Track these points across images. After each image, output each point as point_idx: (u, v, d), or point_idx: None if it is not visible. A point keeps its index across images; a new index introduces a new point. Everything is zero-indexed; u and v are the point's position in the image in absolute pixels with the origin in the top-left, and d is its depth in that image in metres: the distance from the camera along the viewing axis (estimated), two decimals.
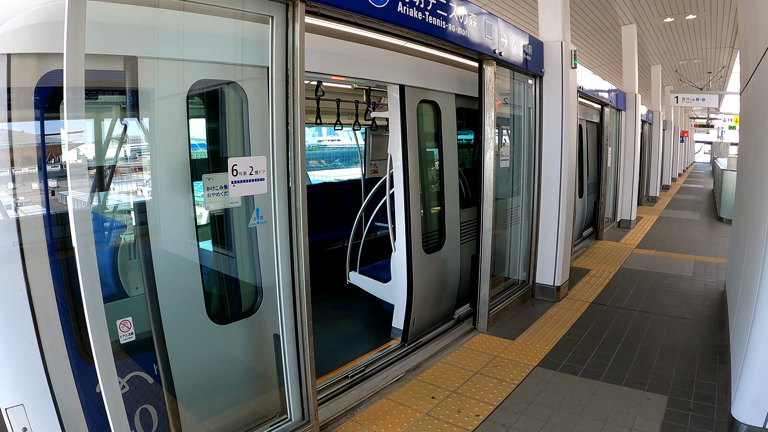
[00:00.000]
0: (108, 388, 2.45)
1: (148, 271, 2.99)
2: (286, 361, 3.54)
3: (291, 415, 3.63)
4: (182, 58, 3.02)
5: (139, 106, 2.89)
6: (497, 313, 6.03)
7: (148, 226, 3.00)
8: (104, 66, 2.76)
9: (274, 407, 3.68)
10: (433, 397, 4.30)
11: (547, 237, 6.90)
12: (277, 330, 3.52)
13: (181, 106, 3.02)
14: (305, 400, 3.62)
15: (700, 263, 8.97)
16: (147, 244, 3.00)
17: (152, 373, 3.06)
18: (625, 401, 4.22)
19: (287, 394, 3.60)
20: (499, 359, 5.03)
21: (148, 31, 2.85)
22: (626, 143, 12.69)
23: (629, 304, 6.70)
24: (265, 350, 3.59)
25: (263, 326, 3.55)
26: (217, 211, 3.42)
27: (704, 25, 13.25)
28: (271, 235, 3.42)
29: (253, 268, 3.55)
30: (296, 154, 3.30)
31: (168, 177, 3.03)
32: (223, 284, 3.58)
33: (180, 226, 3.13)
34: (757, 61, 4.43)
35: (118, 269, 3.16)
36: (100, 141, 3.13)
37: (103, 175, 3.13)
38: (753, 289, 3.62)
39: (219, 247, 3.54)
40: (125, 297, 3.17)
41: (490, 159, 5.55)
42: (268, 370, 3.63)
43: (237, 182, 3.10)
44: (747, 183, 5.21)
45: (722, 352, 5.11)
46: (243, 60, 3.27)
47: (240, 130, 3.36)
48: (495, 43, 5.41)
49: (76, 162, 2.37)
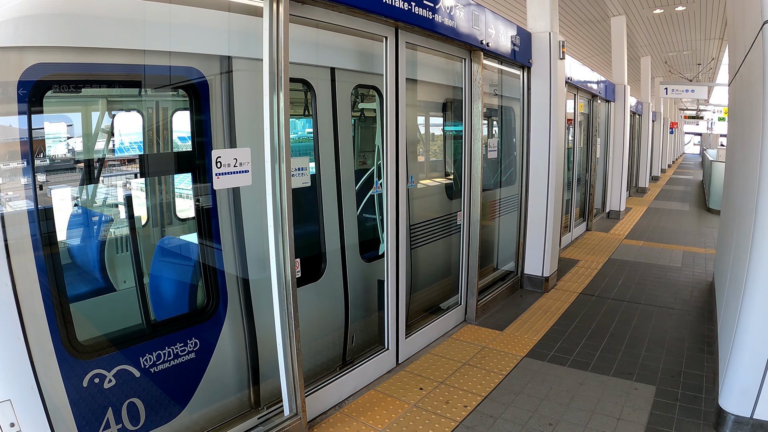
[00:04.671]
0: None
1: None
2: (280, 353, 3.52)
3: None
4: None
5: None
6: (486, 303, 6.02)
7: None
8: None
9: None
10: (421, 389, 4.28)
11: (536, 228, 6.88)
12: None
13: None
14: (293, 393, 3.60)
15: (689, 254, 9.01)
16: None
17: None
18: (613, 391, 4.22)
19: (283, 387, 3.59)
20: (487, 350, 5.02)
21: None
22: (615, 134, 12.70)
23: (618, 295, 6.72)
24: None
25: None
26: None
27: (694, 16, 13.28)
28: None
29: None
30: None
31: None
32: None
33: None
34: (745, 51, 4.42)
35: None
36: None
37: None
38: (740, 279, 3.63)
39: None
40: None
41: (477, 150, 5.52)
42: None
43: (221, 174, 3.06)
44: (735, 173, 5.22)
45: (710, 342, 5.13)
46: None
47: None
48: (482, 33, 5.37)
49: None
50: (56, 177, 4.07)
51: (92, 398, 2.81)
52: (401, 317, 4.68)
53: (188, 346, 3.34)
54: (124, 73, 3.06)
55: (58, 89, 2.87)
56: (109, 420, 2.90)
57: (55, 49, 2.65)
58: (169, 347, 3.22)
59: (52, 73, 2.67)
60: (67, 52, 2.69)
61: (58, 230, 2.94)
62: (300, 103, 5.04)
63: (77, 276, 4.27)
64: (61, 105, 3.98)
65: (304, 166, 3.91)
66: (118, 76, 3.11)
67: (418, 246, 5.40)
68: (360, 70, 4.59)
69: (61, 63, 2.70)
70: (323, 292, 4.35)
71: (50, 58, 2.64)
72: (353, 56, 4.50)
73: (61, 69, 2.72)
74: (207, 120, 3.39)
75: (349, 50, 4.44)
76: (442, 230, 5.75)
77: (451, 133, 6.38)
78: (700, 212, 14.08)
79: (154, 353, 3.15)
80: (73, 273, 4.28)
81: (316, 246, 4.34)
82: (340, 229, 4.45)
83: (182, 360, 3.30)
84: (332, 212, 4.40)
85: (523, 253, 6.98)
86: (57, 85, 2.83)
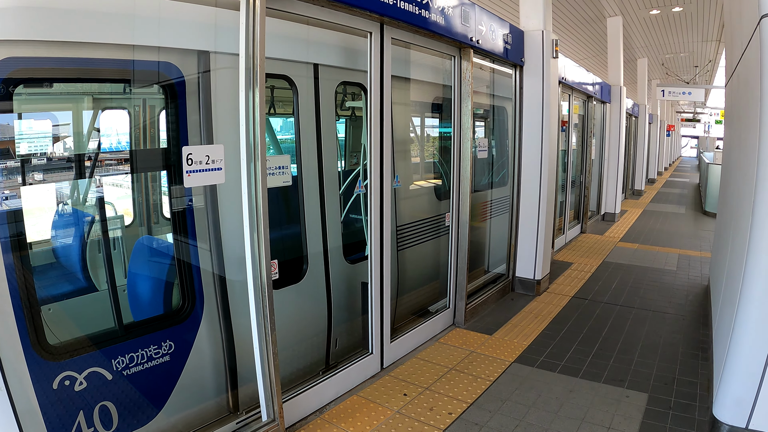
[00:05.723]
0: None
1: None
2: (257, 358, 3.40)
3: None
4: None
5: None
6: (475, 307, 5.88)
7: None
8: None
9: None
10: (405, 394, 4.15)
11: (527, 230, 6.73)
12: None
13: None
14: (270, 398, 3.47)
15: (684, 257, 8.89)
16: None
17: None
18: (604, 399, 4.09)
19: (259, 392, 3.46)
20: (475, 355, 4.88)
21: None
22: (611, 136, 12.59)
23: (611, 299, 6.59)
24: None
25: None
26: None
27: (691, 18, 13.20)
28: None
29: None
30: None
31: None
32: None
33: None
34: (742, 48, 4.30)
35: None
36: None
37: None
38: (736, 285, 3.50)
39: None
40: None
41: (467, 150, 5.38)
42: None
43: (192, 172, 2.93)
44: (731, 176, 5.10)
45: (705, 348, 5.00)
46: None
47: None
48: (472, 30, 5.23)
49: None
50: (26, 176, 3.94)
51: (63, 401, 2.74)
52: (386, 321, 4.54)
53: (163, 348, 3.23)
54: (102, 68, 2.95)
55: (29, 84, 2.78)
56: (81, 423, 2.82)
57: (26, 43, 2.55)
58: (142, 349, 3.12)
59: (24, 67, 2.58)
60: (38, 46, 2.59)
61: (27, 230, 2.84)
62: (282, 101, 4.91)
63: (48, 276, 4.13)
64: (30, 102, 3.87)
65: (285, 164, 3.77)
66: (94, 72, 3.00)
67: (406, 248, 5.26)
68: (345, 66, 4.46)
69: (32, 57, 2.60)
70: (305, 294, 4.21)
71: (22, 52, 2.54)
72: (338, 52, 4.36)
73: (33, 63, 2.62)
74: (183, 117, 3.27)
75: (334, 46, 4.30)
76: (430, 231, 5.62)
77: (440, 133, 6.26)
78: (696, 215, 13.98)
79: (127, 355, 3.05)
80: (44, 273, 4.14)
81: (297, 247, 4.20)
82: (323, 231, 4.31)
83: (157, 362, 3.20)
84: (315, 213, 4.26)
85: (515, 255, 6.84)
86: (28, 81, 2.75)
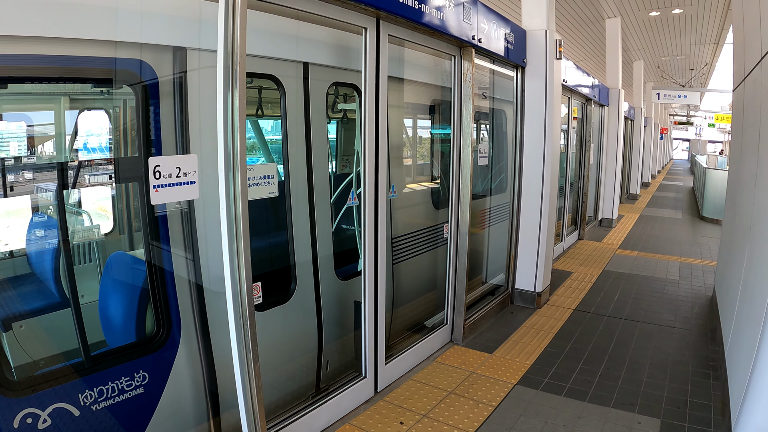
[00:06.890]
0: None
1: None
2: (239, 385, 3.05)
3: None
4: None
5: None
6: (474, 322, 5.57)
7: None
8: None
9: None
10: (401, 423, 3.83)
11: (528, 240, 6.44)
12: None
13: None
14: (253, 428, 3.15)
15: (686, 265, 8.65)
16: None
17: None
18: (615, 426, 3.80)
19: (242, 426, 3.13)
20: (475, 376, 4.58)
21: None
22: (609, 139, 12.33)
23: (614, 311, 6.31)
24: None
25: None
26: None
27: (690, 20, 12.99)
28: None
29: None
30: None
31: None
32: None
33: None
34: (761, 53, 4.02)
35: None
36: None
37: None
38: (758, 305, 3.21)
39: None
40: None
41: (467, 156, 5.08)
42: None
43: (160, 186, 2.59)
44: (744, 185, 4.82)
45: (715, 366, 4.74)
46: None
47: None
48: (474, 28, 4.93)
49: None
50: None
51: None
52: (380, 342, 4.21)
53: (135, 379, 2.91)
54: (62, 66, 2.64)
55: None
56: None
57: None
58: (113, 382, 2.81)
59: None
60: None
61: None
62: (269, 102, 4.57)
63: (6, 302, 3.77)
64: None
65: (271, 174, 3.43)
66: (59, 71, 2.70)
67: (401, 261, 4.94)
68: (338, 66, 4.12)
69: None
70: (293, 315, 3.87)
71: None
72: (330, 50, 4.03)
73: None
74: (156, 121, 2.94)
75: (326, 44, 3.97)
76: (427, 243, 5.30)
77: (439, 137, 5.95)
78: (694, 220, 13.77)
79: (96, 389, 2.74)
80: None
81: (284, 263, 3.86)
82: (313, 245, 3.97)
83: (130, 395, 2.88)
84: (303, 226, 3.92)
85: (514, 266, 6.54)
86: None
